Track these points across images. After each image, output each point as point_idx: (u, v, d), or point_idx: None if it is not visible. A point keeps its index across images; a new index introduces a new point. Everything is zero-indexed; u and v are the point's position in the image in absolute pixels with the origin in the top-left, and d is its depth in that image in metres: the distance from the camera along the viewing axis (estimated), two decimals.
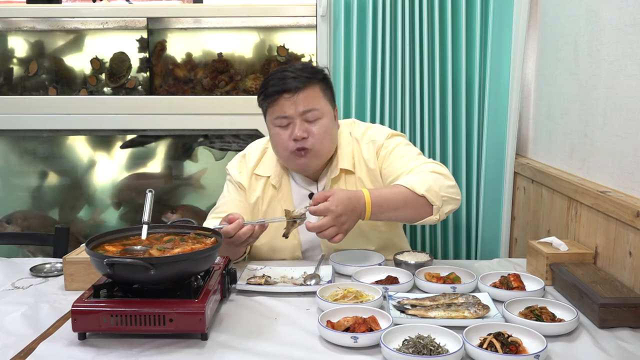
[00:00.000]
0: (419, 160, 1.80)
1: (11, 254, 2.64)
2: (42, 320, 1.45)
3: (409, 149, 1.86)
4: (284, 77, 1.74)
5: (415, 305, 1.46)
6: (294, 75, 1.74)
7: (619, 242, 1.63)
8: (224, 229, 1.59)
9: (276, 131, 1.78)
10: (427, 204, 1.65)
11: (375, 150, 1.86)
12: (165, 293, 1.37)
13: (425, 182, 1.66)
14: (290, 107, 1.74)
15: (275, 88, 1.74)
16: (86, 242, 1.43)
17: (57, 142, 3.05)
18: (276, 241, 1.86)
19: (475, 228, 2.54)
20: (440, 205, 1.66)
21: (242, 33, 2.85)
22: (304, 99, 1.74)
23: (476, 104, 2.45)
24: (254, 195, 1.90)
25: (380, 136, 1.88)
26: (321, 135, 1.76)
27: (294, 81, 1.73)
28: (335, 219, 1.57)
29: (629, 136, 1.67)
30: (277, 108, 1.76)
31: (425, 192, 1.64)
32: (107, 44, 2.82)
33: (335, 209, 1.56)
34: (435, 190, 1.66)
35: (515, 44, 2.37)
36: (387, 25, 2.39)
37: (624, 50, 1.70)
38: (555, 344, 1.31)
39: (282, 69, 1.80)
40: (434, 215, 1.67)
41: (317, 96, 1.77)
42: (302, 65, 1.80)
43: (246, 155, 1.97)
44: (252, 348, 1.30)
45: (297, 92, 1.73)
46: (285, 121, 1.76)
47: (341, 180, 1.87)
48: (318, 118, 1.76)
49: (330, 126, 1.79)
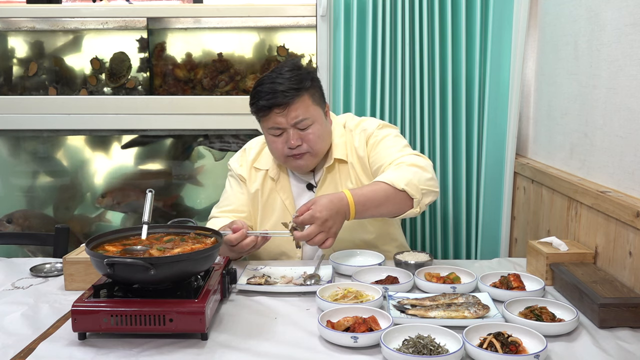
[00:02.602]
0: (402, 152, 1.84)
1: (11, 254, 2.64)
2: (42, 320, 1.45)
3: (397, 140, 1.91)
4: (273, 91, 1.77)
5: (415, 305, 1.46)
6: (283, 88, 1.77)
7: (619, 242, 1.63)
8: (227, 237, 1.64)
9: (271, 139, 1.85)
10: (408, 198, 1.69)
11: (365, 139, 1.92)
12: (165, 293, 1.37)
13: (404, 177, 1.69)
14: (282, 119, 1.79)
15: (265, 103, 1.78)
16: (86, 242, 1.43)
17: (57, 142, 3.05)
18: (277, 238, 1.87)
19: (475, 228, 2.54)
20: (420, 198, 1.70)
21: (242, 33, 2.85)
22: (294, 111, 1.78)
23: (476, 104, 2.45)
24: (254, 186, 1.97)
25: (371, 126, 1.94)
26: (314, 140, 1.82)
27: (282, 96, 1.76)
28: (321, 225, 1.60)
29: (629, 136, 1.67)
30: (270, 120, 1.81)
31: (405, 187, 1.68)
32: (107, 44, 2.82)
33: (320, 216, 1.60)
34: (414, 184, 1.69)
35: (515, 44, 2.37)
36: (387, 25, 2.38)
37: (624, 50, 1.70)
38: (555, 344, 1.31)
39: (269, 78, 1.81)
40: (415, 208, 1.71)
41: (307, 105, 1.81)
42: (289, 73, 1.80)
43: (246, 150, 2.05)
44: (252, 348, 1.30)
45: (286, 106, 1.78)
46: (278, 131, 1.82)
47: (335, 169, 1.92)
48: (309, 125, 1.81)
49: (322, 129, 1.85)
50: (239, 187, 1.99)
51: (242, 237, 1.66)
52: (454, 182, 2.50)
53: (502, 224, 2.51)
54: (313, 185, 1.93)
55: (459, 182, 2.50)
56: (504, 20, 2.39)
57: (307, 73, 1.85)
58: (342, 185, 1.90)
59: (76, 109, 2.60)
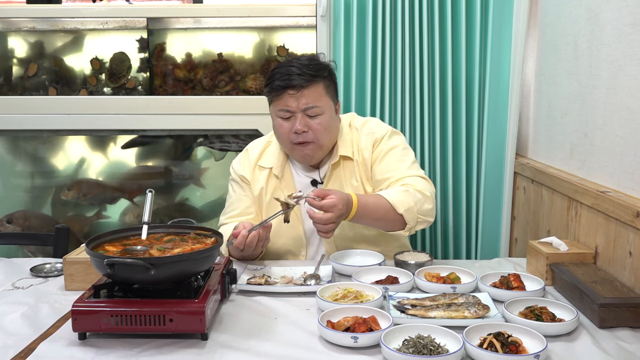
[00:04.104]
0: (411, 170, 1.88)
1: (11, 254, 2.64)
2: (42, 320, 1.45)
3: (405, 154, 1.93)
4: (289, 73, 1.80)
5: (415, 305, 1.46)
6: (300, 72, 1.80)
7: (619, 242, 1.63)
8: (234, 244, 1.68)
9: (279, 122, 1.86)
10: (403, 222, 1.78)
11: (373, 143, 1.93)
12: (165, 293, 1.37)
13: (407, 202, 1.76)
14: (293, 103, 1.81)
15: (280, 83, 1.81)
16: (86, 242, 1.43)
17: (57, 142, 3.05)
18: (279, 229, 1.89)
19: (475, 228, 2.54)
20: (413, 225, 1.79)
21: (242, 33, 2.85)
22: (306, 96, 1.80)
23: (476, 104, 2.45)
24: (258, 186, 1.96)
25: (379, 130, 1.95)
26: (320, 130, 1.83)
27: (298, 78, 1.79)
28: (338, 218, 1.66)
29: (629, 136, 1.67)
30: (281, 101, 1.82)
31: (404, 212, 1.75)
32: (107, 44, 2.82)
33: (341, 209, 1.65)
34: (414, 212, 1.77)
35: (515, 44, 2.37)
36: (387, 25, 2.39)
37: (624, 50, 1.70)
38: (555, 344, 1.31)
39: (288, 62, 1.85)
40: (405, 231, 1.81)
41: (320, 94, 1.83)
42: (308, 61, 1.85)
43: (248, 150, 2.04)
44: (252, 348, 1.30)
45: (300, 89, 1.80)
46: (287, 114, 1.83)
47: (340, 166, 1.93)
48: (318, 114, 1.83)
49: (330, 121, 1.86)
50: (242, 191, 1.99)
51: (244, 238, 1.67)
52: (454, 182, 2.50)
53: (502, 224, 2.51)
54: (318, 181, 1.93)
55: (459, 182, 2.50)
56: (504, 20, 2.39)
57: (326, 65, 1.89)
58: (347, 183, 1.91)
59: (76, 109, 2.60)
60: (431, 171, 2.48)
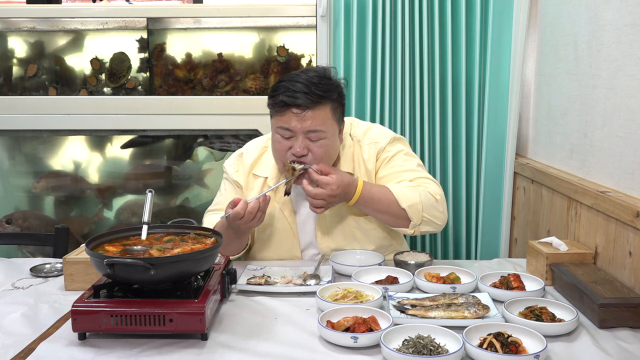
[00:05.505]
0: (416, 173, 1.83)
1: (11, 254, 2.64)
2: (42, 321, 1.45)
3: (409, 160, 1.87)
4: (295, 90, 1.68)
5: (415, 305, 1.46)
6: (307, 90, 1.68)
7: (619, 242, 1.63)
8: (234, 211, 1.62)
9: (277, 138, 1.76)
10: (406, 218, 1.74)
11: (376, 153, 1.87)
12: (165, 293, 1.37)
13: (412, 198, 1.73)
14: (296, 123, 1.70)
15: (284, 99, 1.69)
16: (86, 242, 1.43)
17: (57, 142, 3.05)
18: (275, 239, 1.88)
19: (475, 228, 2.54)
20: (417, 224, 1.75)
21: (242, 33, 2.85)
22: (311, 118, 1.69)
23: (476, 104, 2.45)
24: (251, 194, 1.88)
25: (382, 139, 1.88)
26: (320, 155, 1.73)
27: (304, 97, 1.68)
28: (329, 197, 1.68)
29: (629, 136, 1.67)
30: (283, 119, 1.71)
31: (407, 208, 1.72)
32: (107, 44, 2.82)
33: (334, 189, 1.67)
34: (418, 209, 1.73)
35: (515, 44, 2.37)
36: (387, 25, 2.39)
37: (624, 50, 1.70)
38: (555, 344, 1.31)
39: (296, 76, 1.73)
40: (410, 229, 1.77)
41: (326, 117, 1.72)
42: (317, 78, 1.72)
43: (243, 154, 1.95)
44: (252, 348, 1.30)
45: (305, 109, 1.69)
46: (288, 133, 1.72)
47: None
48: (321, 138, 1.72)
49: (331, 146, 1.77)
50: (233, 192, 1.91)
51: (245, 205, 1.62)
52: (454, 182, 2.50)
53: (502, 224, 2.51)
54: None
55: (459, 182, 2.50)
56: (504, 20, 2.39)
57: (337, 85, 1.77)
58: None
59: (76, 109, 2.60)
60: (431, 171, 2.48)
